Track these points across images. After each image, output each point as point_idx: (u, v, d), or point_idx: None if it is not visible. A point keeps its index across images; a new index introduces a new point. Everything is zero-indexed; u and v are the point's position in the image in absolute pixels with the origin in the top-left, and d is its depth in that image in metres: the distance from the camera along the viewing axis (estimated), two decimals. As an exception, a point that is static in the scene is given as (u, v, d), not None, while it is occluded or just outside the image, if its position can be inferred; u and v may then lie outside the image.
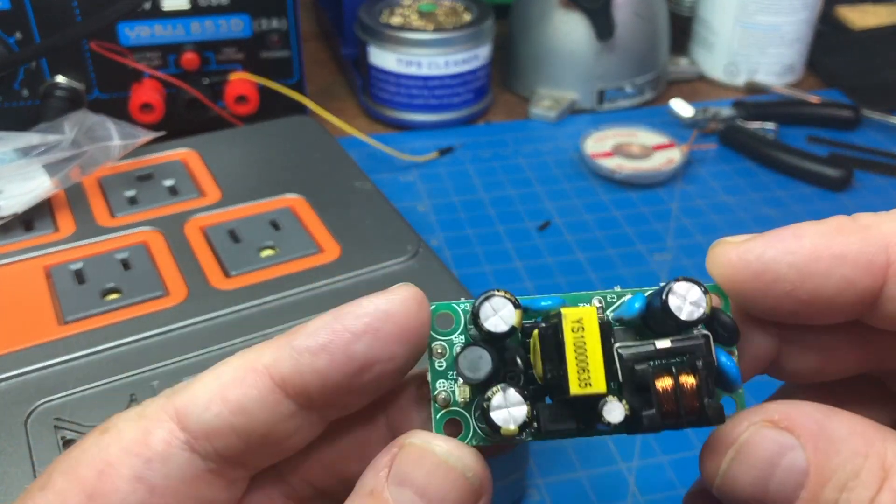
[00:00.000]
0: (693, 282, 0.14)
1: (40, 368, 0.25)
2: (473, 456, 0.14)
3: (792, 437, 0.13)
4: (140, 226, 0.31)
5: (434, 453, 0.13)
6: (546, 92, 0.50)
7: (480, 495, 0.14)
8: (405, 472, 0.13)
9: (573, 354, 0.14)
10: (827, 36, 0.56)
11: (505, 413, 0.13)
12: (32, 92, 0.41)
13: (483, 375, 0.14)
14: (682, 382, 0.14)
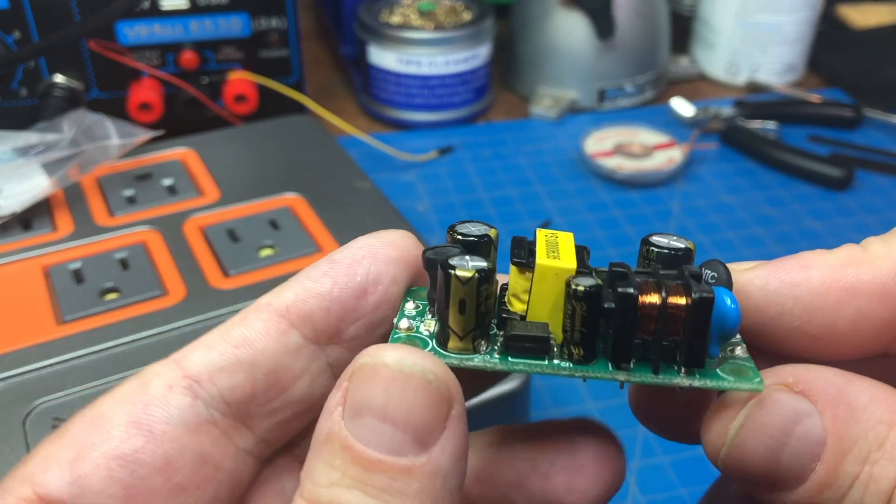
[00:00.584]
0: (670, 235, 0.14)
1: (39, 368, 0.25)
2: (431, 359, 0.12)
3: (808, 403, 0.12)
4: (139, 225, 0.31)
5: (386, 365, 0.11)
6: (546, 91, 0.50)
7: (451, 401, 0.12)
8: (359, 398, 0.11)
9: (543, 245, 0.13)
10: (828, 35, 0.56)
11: (463, 262, 0.12)
12: (31, 91, 0.40)
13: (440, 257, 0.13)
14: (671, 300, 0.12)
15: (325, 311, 0.13)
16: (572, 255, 0.13)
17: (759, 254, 0.38)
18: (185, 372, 0.13)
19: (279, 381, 0.13)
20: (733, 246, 0.38)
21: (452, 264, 0.12)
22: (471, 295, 0.12)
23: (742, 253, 0.38)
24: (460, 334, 0.13)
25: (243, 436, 0.13)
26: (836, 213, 0.41)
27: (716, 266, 0.13)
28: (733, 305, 0.12)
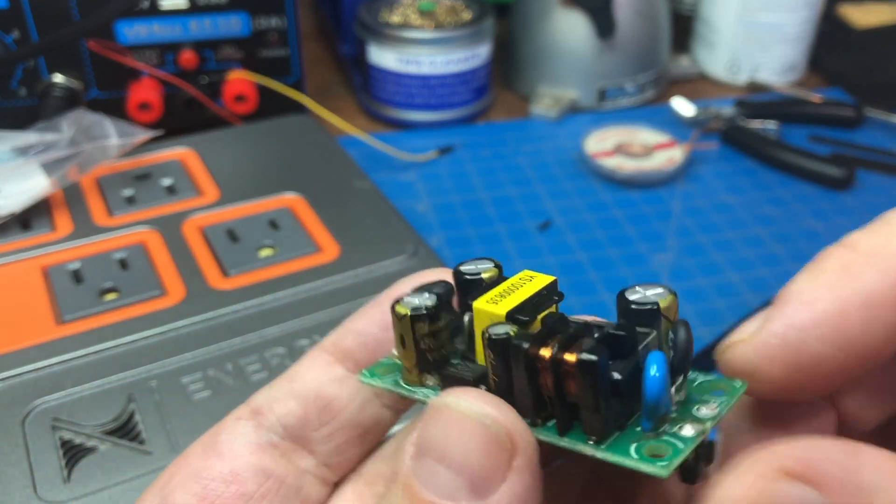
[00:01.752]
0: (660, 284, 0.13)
1: (38, 368, 0.25)
2: (494, 403, 0.11)
3: (814, 492, 0.10)
4: (138, 225, 0.31)
5: (447, 406, 0.12)
6: (547, 91, 0.50)
7: (513, 450, 0.11)
8: (424, 438, 0.12)
9: (503, 287, 0.13)
10: (829, 34, 0.56)
11: (413, 301, 0.13)
12: (30, 91, 0.40)
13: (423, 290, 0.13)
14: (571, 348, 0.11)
15: (362, 346, 0.15)
16: (517, 301, 0.13)
17: (759, 253, 0.38)
18: (250, 406, 0.15)
19: (329, 407, 0.15)
20: (734, 246, 0.38)
21: (397, 299, 0.13)
22: (406, 332, 0.13)
23: (743, 253, 0.38)
24: (407, 367, 0.14)
25: (304, 458, 0.15)
26: (836, 213, 0.41)
27: (678, 329, 0.12)
28: (657, 374, 0.11)
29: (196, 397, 0.24)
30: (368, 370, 0.14)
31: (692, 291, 0.35)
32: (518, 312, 0.12)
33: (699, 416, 0.12)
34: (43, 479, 0.22)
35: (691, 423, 0.12)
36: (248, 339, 0.26)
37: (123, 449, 0.22)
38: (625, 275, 0.36)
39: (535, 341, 0.12)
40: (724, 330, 0.33)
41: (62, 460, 0.22)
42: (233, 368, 0.25)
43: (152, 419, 0.23)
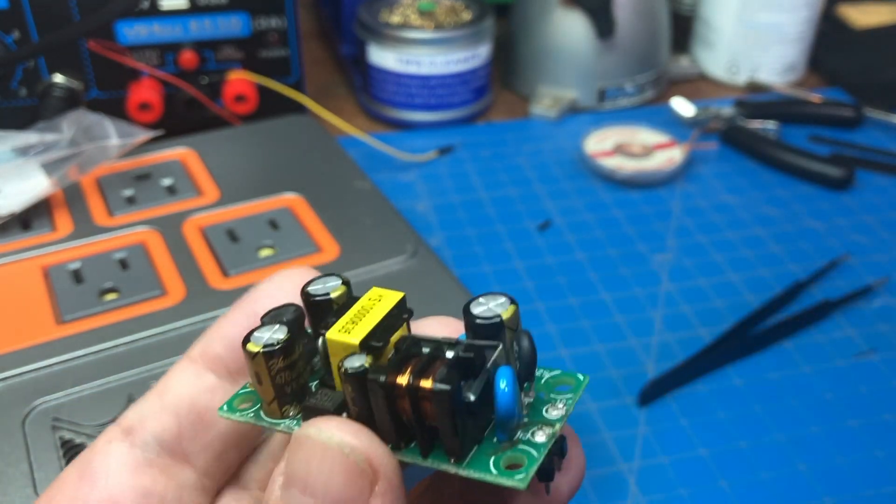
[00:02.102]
0: (503, 294, 0.13)
1: (38, 368, 0.25)
2: (354, 431, 0.12)
3: None
4: (138, 225, 0.31)
5: (308, 437, 0.12)
6: (546, 91, 0.50)
7: (374, 477, 0.12)
8: (289, 469, 0.12)
9: (354, 312, 0.13)
10: (829, 35, 0.56)
11: (263, 336, 0.13)
12: (30, 91, 0.40)
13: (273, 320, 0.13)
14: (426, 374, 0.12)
15: (230, 350, 0.15)
16: (369, 326, 0.13)
17: (759, 254, 0.38)
18: (121, 427, 0.15)
19: (202, 418, 0.15)
20: (734, 246, 0.38)
21: (247, 336, 0.13)
22: (261, 369, 0.13)
23: (742, 253, 0.38)
24: (266, 401, 0.13)
25: (183, 471, 0.15)
26: (836, 213, 0.41)
27: (521, 339, 0.13)
28: (507, 389, 0.12)
29: (196, 397, 0.24)
30: (227, 403, 0.14)
31: (692, 291, 0.35)
32: (371, 339, 0.13)
33: (549, 417, 0.13)
34: (43, 479, 0.22)
35: (542, 426, 0.12)
36: (248, 339, 0.26)
37: (123, 449, 0.22)
38: (624, 274, 0.36)
39: (390, 371, 0.12)
40: (723, 330, 0.33)
41: (62, 460, 0.22)
42: (233, 368, 0.25)
43: (152, 419, 0.23)
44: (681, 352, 0.32)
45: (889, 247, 0.38)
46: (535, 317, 0.34)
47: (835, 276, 0.36)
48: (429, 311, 0.27)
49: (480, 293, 0.13)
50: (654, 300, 0.35)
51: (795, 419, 0.29)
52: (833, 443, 0.28)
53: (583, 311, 0.34)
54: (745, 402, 0.30)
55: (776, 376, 0.31)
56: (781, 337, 0.32)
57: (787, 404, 0.30)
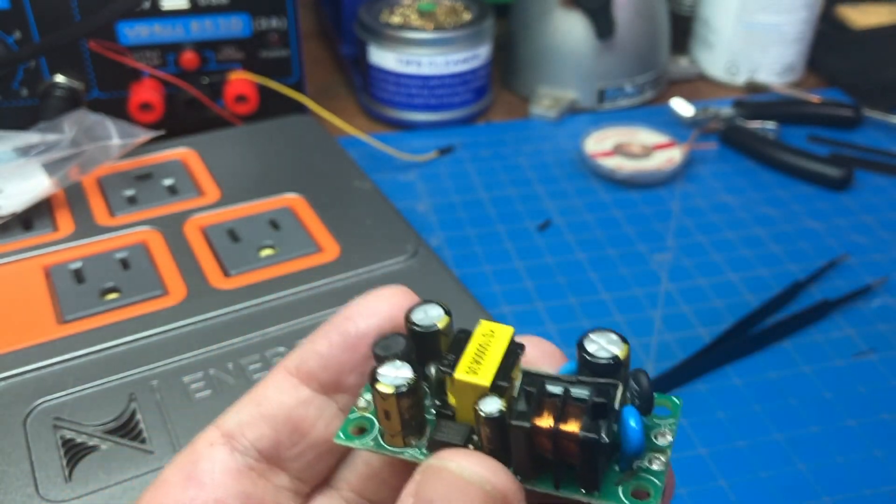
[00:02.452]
0: (611, 331, 0.14)
1: (39, 368, 0.25)
2: (492, 468, 0.13)
3: None
4: (139, 225, 0.31)
5: (449, 470, 0.13)
6: (546, 91, 0.50)
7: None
8: (424, 496, 0.13)
9: (474, 349, 0.14)
10: (827, 35, 0.56)
11: (390, 374, 0.14)
12: (31, 91, 0.41)
13: (388, 352, 0.14)
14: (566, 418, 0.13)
15: (324, 368, 0.15)
16: (494, 365, 0.14)
17: (758, 253, 0.38)
18: (221, 431, 0.16)
19: (298, 428, 0.16)
20: (733, 246, 0.38)
21: (376, 377, 0.14)
22: (391, 407, 0.14)
23: (742, 252, 0.38)
24: (390, 433, 0.14)
25: (279, 476, 0.16)
26: (835, 213, 0.41)
27: (639, 378, 0.14)
28: (636, 427, 0.13)
29: (197, 396, 0.24)
30: (343, 430, 0.15)
31: (691, 291, 0.35)
32: (498, 379, 0.13)
33: (660, 444, 0.14)
34: (44, 479, 0.22)
35: (655, 454, 0.14)
36: (249, 338, 0.26)
37: (125, 448, 0.22)
38: (624, 274, 0.36)
39: (532, 417, 0.13)
40: (723, 329, 0.33)
41: (63, 459, 0.22)
42: (234, 368, 0.25)
43: (153, 418, 0.23)
44: (680, 351, 0.32)
45: (888, 247, 0.38)
46: (534, 316, 0.34)
47: (834, 276, 0.36)
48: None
49: (591, 329, 0.14)
50: (653, 300, 0.35)
51: (794, 419, 0.29)
52: (832, 442, 0.28)
53: (583, 311, 0.34)
54: (744, 402, 0.30)
55: (775, 376, 0.31)
56: (780, 337, 0.33)
57: (787, 404, 0.30)
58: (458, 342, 0.14)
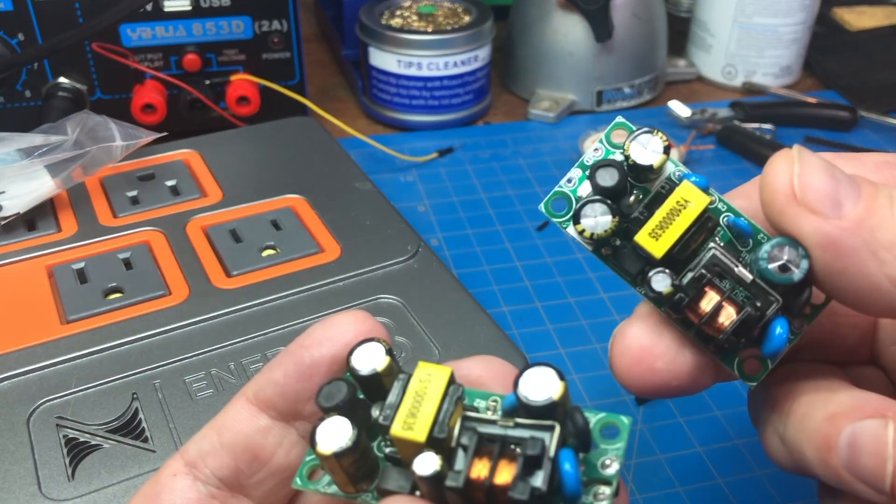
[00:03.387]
0: (549, 366, 0.14)
1: (42, 367, 0.25)
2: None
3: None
4: (142, 226, 0.32)
5: None
6: (545, 93, 0.50)
7: None
8: None
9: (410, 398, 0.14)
10: (824, 37, 0.57)
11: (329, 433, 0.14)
12: (35, 93, 0.41)
13: (331, 403, 0.14)
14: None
15: (280, 396, 0.16)
16: (430, 416, 0.14)
17: (755, 254, 0.38)
18: (184, 460, 0.16)
19: (258, 456, 0.16)
20: (730, 247, 0.39)
21: (314, 440, 0.14)
22: (334, 466, 0.14)
23: (739, 253, 0.38)
24: (340, 483, 0.15)
25: (241, 502, 0.16)
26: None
27: (574, 416, 0.14)
28: (571, 471, 0.13)
29: (199, 396, 0.24)
30: (299, 476, 0.15)
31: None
32: (434, 431, 0.14)
33: (606, 475, 0.14)
34: (47, 477, 0.22)
35: (601, 487, 0.14)
36: (251, 338, 0.26)
37: (127, 447, 0.23)
38: (622, 275, 0.37)
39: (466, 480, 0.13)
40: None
41: (66, 458, 0.22)
42: (235, 367, 0.25)
43: (156, 418, 0.23)
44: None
45: (884, 247, 0.39)
46: (534, 316, 0.34)
47: (830, 277, 0.36)
48: (429, 311, 0.27)
49: (528, 365, 0.14)
50: (651, 300, 0.35)
51: (791, 417, 0.29)
52: (828, 441, 0.28)
53: (581, 311, 0.34)
54: (741, 400, 0.30)
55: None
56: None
57: (783, 403, 0.30)
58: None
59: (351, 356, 0.15)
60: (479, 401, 0.15)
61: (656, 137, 0.15)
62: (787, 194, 0.14)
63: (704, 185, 0.16)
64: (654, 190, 0.16)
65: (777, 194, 0.15)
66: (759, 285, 0.15)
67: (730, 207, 0.16)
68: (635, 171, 0.16)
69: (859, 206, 0.14)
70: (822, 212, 0.14)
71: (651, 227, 0.15)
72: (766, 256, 0.15)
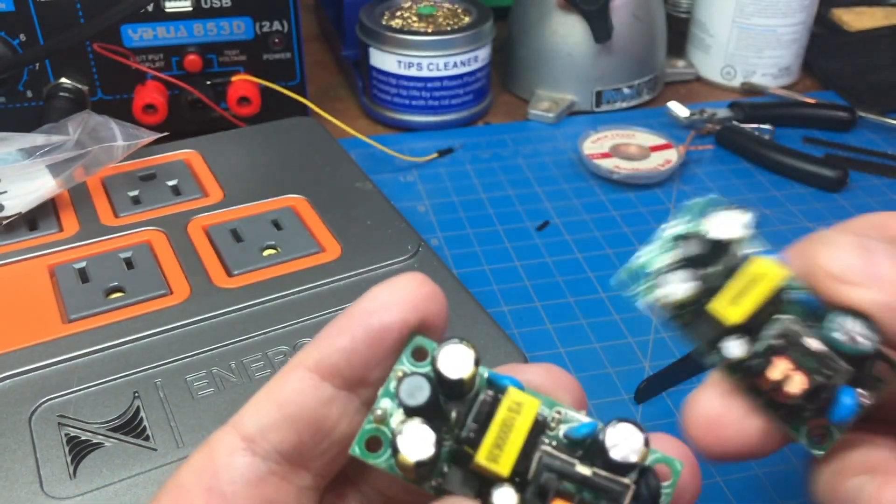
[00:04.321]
0: (637, 427, 0.14)
1: (44, 366, 0.25)
2: None
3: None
4: (143, 225, 0.32)
5: None
6: (545, 93, 0.50)
7: None
8: None
9: (497, 429, 0.14)
10: (823, 38, 0.57)
11: (410, 444, 0.14)
12: (36, 93, 0.41)
13: (415, 403, 0.14)
14: None
15: (347, 363, 0.15)
16: (515, 450, 0.14)
17: (754, 254, 0.38)
18: (241, 435, 0.15)
19: (321, 428, 0.15)
20: (729, 246, 0.39)
21: (397, 447, 0.14)
22: (409, 471, 0.14)
23: (738, 253, 0.38)
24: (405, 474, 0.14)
25: (301, 476, 0.15)
26: (830, 214, 0.41)
27: (650, 479, 0.14)
28: None
29: (200, 395, 0.24)
30: (358, 444, 0.15)
31: (688, 291, 0.35)
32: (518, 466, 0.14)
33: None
34: (49, 476, 0.22)
35: None
36: (252, 337, 0.26)
37: (129, 445, 0.23)
38: (622, 275, 0.37)
39: None
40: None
41: (68, 457, 0.22)
42: (237, 366, 0.25)
43: (157, 416, 0.24)
44: (677, 349, 0.32)
45: (882, 247, 0.39)
46: (534, 315, 0.34)
47: (829, 276, 0.37)
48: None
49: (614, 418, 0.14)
50: (650, 300, 0.35)
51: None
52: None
53: (581, 310, 0.34)
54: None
55: (770, 374, 0.31)
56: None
57: (781, 402, 0.30)
58: (482, 410, 0.14)
59: (437, 354, 0.14)
60: (545, 409, 0.15)
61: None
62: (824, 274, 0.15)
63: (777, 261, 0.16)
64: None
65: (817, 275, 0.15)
66: (830, 354, 0.15)
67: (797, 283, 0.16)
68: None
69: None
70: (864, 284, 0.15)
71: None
72: (836, 327, 0.15)
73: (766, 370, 0.15)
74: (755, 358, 0.15)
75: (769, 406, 0.16)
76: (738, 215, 0.16)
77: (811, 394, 0.15)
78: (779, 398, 0.15)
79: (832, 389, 0.15)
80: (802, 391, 0.15)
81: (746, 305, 0.15)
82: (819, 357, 0.15)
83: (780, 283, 0.15)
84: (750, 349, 0.15)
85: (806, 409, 0.15)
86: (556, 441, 0.15)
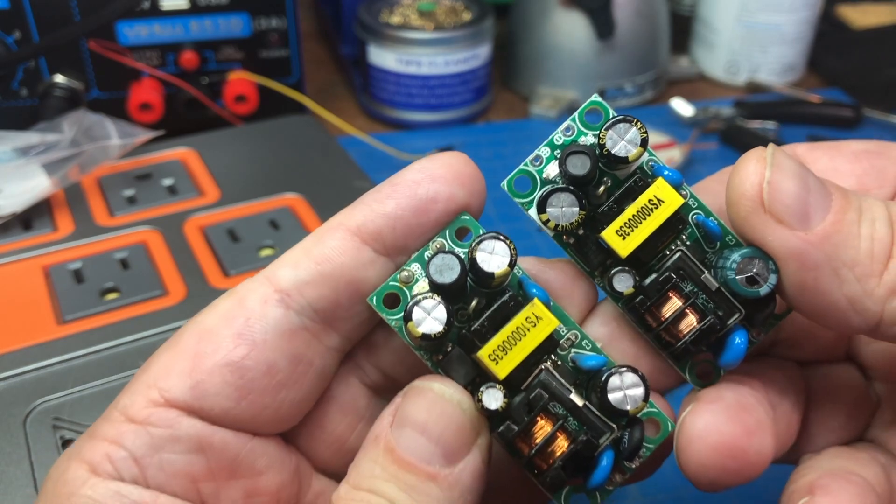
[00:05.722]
0: (643, 380, 0.14)
1: (39, 368, 0.25)
2: (468, 396, 0.14)
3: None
4: (139, 225, 0.31)
5: (432, 390, 0.14)
6: (546, 91, 0.50)
7: (479, 431, 0.14)
8: (405, 413, 0.14)
9: (507, 333, 0.14)
10: (828, 35, 0.56)
11: (422, 316, 0.14)
12: (31, 91, 0.41)
13: (441, 280, 0.14)
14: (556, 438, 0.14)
15: (391, 229, 0.15)
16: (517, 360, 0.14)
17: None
18: (275, 287, 0.15)
19: (359, 290, 0.15)
20: (733, 246, 0.38)
21: (410, 314, 0.14)
22: (416, 341, 0.14)
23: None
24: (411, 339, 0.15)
25: (330, 336, 0.15)
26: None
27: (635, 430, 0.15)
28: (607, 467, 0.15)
29: (197, 397, 0.24)
30: (377, 295, 0.15)
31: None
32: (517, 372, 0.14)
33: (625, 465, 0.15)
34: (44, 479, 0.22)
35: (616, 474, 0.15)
36: (249, 338, 0.26)
37: (124, 448, 0.22)
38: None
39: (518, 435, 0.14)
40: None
41: (64, 459, 0.22)
42: (233, 368, 0.25)
43: (153, 418, 0.23)
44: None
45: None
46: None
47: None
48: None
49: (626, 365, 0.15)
50: (653, 300, 0.35)
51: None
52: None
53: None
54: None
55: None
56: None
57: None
58: (500, 310, 0.14)
59: (477, 245, 0.15)
60: (562, 328, 0.15)
61: (634, 128, 0.15)
62: (755, 200, 0.14)
63: (678, 181, 0.15)
64: (625, 183, 0.15)
65: (744, 199, 0.14)
66: (724, 295, 0.15)
67: (700, 205, 0.16)
68: (608, 158, 0.15)
69: (827, 219, 0.13)
70: (789, 223, 0.14)
71: (619, 224, 0.14)
72: (734, 267, 0.14)
73: (657, 307, 0.15)
74: (644, 293, 0.15)
75: (657, 343, 0.16)
76: (635, 129, 0.15)
77: (701, 334, 0.15)
78: (667, 337, 0.15)
79: (724, 330, 0.15)
80: (692, 331, 0.15)
81: (638, 236, 0.14)
82: (713, 296, 0.15)
83: (677, 210, 0.15)
84: (639, 283, 0.15)
85: (695, 349, 0.15)
86: (561, 361, 0.15)
